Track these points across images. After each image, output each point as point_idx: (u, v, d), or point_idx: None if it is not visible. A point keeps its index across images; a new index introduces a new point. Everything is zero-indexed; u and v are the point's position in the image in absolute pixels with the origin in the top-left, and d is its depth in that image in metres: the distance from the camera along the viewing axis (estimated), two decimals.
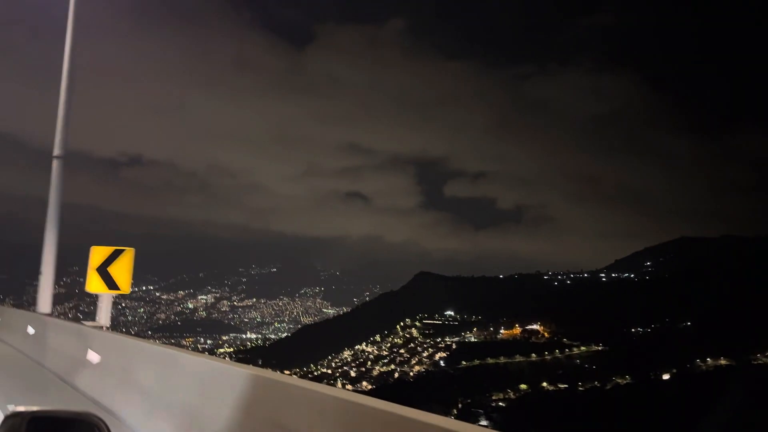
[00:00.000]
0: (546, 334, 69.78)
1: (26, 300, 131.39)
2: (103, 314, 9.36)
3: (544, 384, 55.08)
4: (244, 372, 3.63)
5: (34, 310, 12.26)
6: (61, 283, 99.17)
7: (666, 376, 50.30)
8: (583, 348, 66.67)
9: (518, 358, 63.92)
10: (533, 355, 64.59)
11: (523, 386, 54.56)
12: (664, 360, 53.99)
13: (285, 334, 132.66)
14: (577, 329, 71.64)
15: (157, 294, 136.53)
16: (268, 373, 3.68)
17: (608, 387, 50.89)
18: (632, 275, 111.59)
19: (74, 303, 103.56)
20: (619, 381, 51.99)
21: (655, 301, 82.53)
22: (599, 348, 66.83)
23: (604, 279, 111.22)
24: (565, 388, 52.62)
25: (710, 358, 52.33)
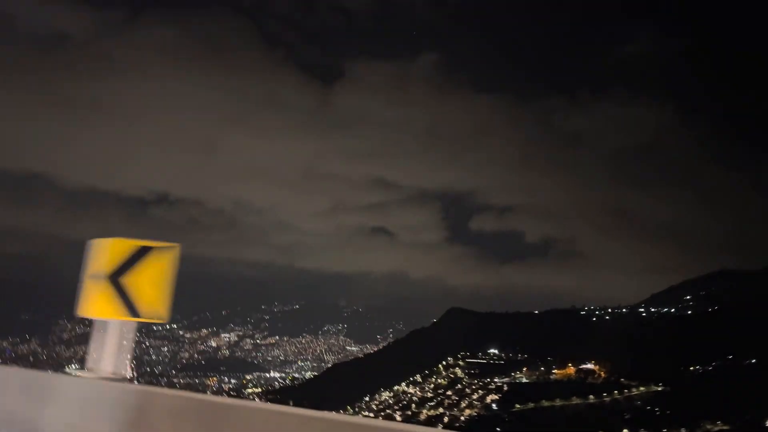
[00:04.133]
0: (603, 374, 65.82)
1: (51, 339, 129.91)
2: (110, 354, 3.82)
3: None
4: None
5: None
6: (86, 322, 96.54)
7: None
8: (642, 388, 62.62)
9: (575, 401, 60.02)
10: (591, 396, 60.66)
11: None
12: (748, 402, 50.01)
13: (309, 373, 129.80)
14: (632, 368, 67.70)
15: (180, 332, 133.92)
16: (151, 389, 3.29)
17: None
18: (672, 310, 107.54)
19: None
20: (709, 427, 47.96)
21: (706, 337, 78.49)
22: (659, 388, 62.74)
23: (644, 314, 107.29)
24: None
25: None
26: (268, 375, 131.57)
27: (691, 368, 67.82)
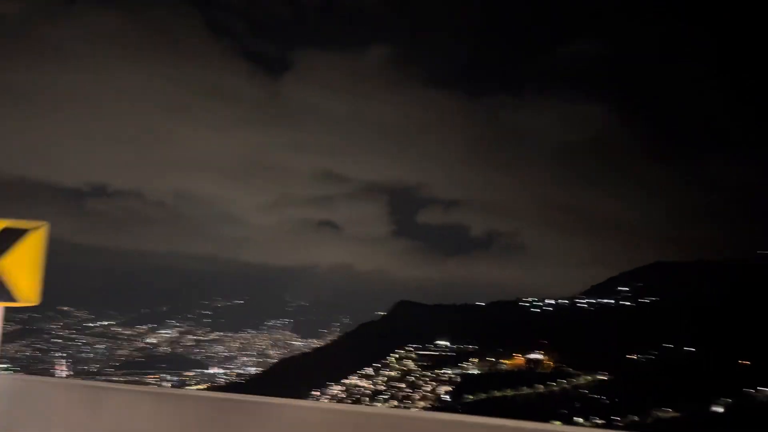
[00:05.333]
0: (551, 364, 67.37)
1: None
2: None
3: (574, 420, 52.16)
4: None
5: None
6: (17, 318, 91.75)
7: (719, 409, 48.20)
8: (588, 377, 64.42)
9: (525, 390, 61.19)
10: (540, 386, 61.99)
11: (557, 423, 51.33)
12: (690, 390, 52.13)
13: (253, 368, 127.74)
14: (577, 357, 69.58)
15: (118, 329, 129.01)
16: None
17: (649, 421, 48.50)
18: (611, 301, 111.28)
19: (30, 341, 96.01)
20: (660, 415, 49.67)
21: (645, 327, 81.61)
22: (604, 377, 64.69)
23: (585, 305, 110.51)
24: (603, 424, 49.77)
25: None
26: (210, 371, 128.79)
27: (633, 357, 70.17)
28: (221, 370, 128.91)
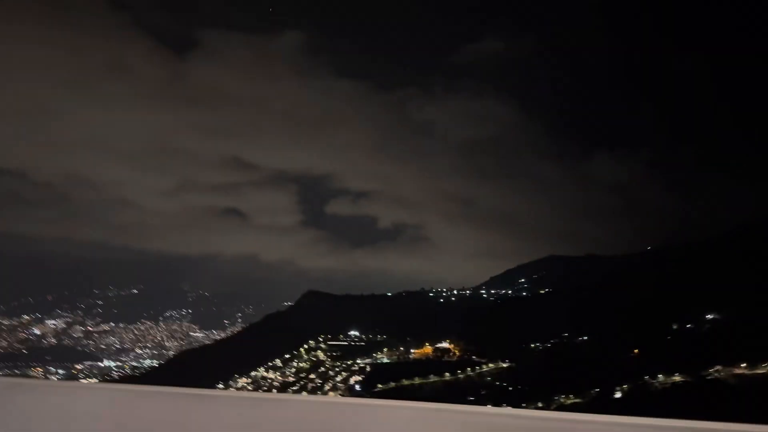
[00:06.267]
0: (457, 352, 69.33)
1: None
2: None
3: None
4: None
5: None
6: None
7: (617, 395, 51.45)
8: (491, 365, 66.93)
9: (433, 378, 62.60)
10: (447, 374, 63.65)
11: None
12: (588, 377, 55.49)
13: (149, 361, 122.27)
14: (480, 346, 72.16)
15: None
16: None
17: (553, 407, 50.98)
18: (509, 291, 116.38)
19: None
20: (563, 400, 52.34)
21: (542, 317, 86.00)
22: (506, 365, 67.48)
23: (484, 295, 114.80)
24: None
25: (662, 375, 54.16)
26: (101, 364, 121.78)
27: (532, 345, 73.67)
28: (114, 363, 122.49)
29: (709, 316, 68.79)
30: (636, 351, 61.45)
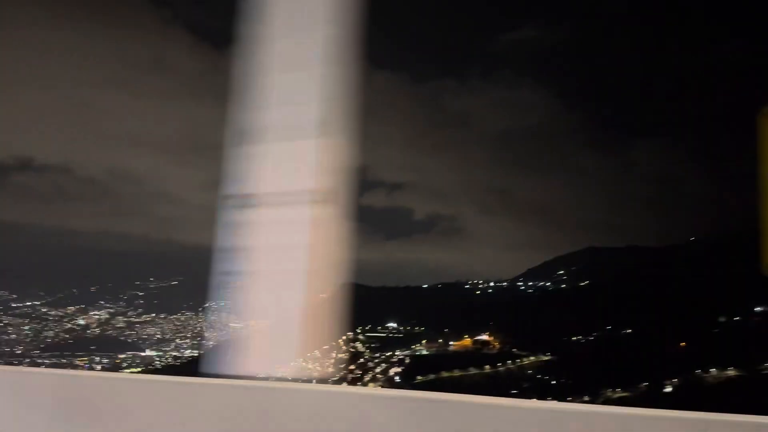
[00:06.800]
0: (497, 345, 68.64)
1: None
2: None
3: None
4: None
5: None
6: None
7: (668, 389, 50.26)
8: (532, 358, 66.03)
9: (473, 371, 62.10)
10: (487, 366, 63.07)
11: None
12: (634, 370, 54.29)
13: (189, 351, 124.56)
14: (521, 339, 71.24)
15: (44, 309, 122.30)
16: None
17: (599, 401, 50.01)
18: (548, 283, 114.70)
19: None
20: (610, 394, 51.36)
21: (582, 309, 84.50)
22: (547, 358, 66.48)
23: (522, 287, 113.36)
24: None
25: (715, 369, 52.75)
26: (143, 354, 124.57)
27: (574, 339, 72.42)
28: (156, 353, 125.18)
29: (757, 309, 66.54)
30: (683, 344, 59.86)
